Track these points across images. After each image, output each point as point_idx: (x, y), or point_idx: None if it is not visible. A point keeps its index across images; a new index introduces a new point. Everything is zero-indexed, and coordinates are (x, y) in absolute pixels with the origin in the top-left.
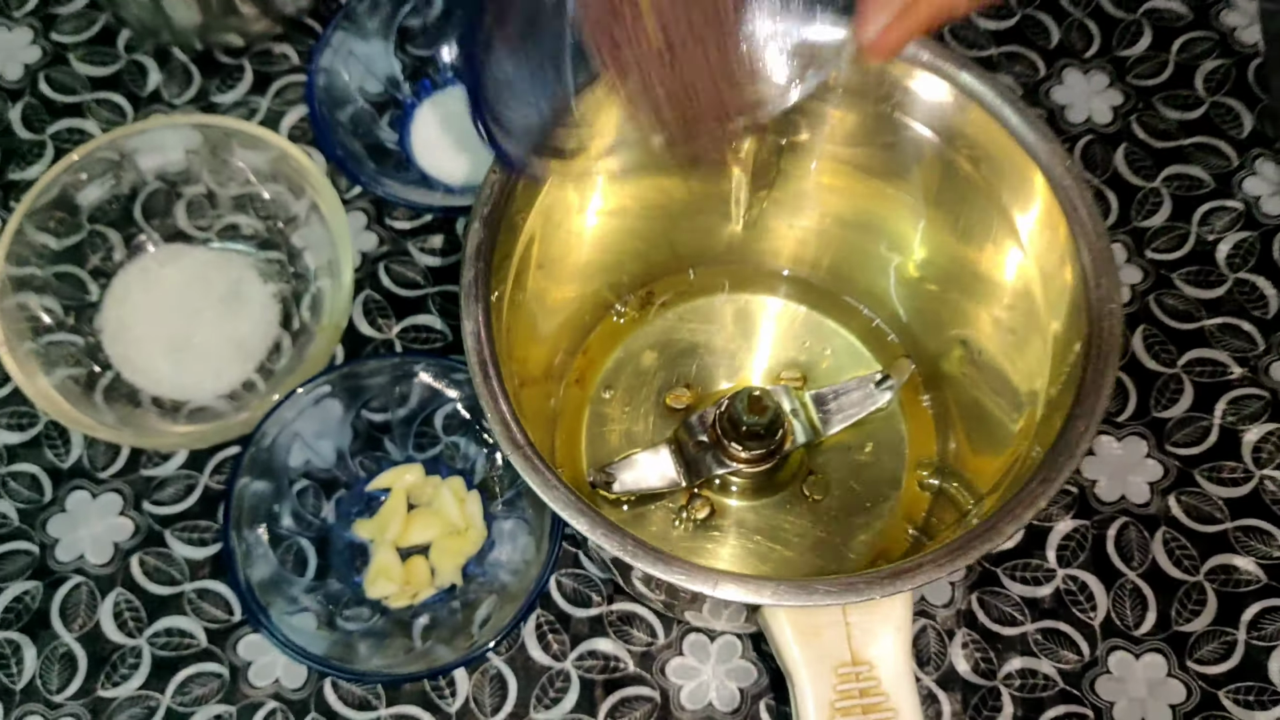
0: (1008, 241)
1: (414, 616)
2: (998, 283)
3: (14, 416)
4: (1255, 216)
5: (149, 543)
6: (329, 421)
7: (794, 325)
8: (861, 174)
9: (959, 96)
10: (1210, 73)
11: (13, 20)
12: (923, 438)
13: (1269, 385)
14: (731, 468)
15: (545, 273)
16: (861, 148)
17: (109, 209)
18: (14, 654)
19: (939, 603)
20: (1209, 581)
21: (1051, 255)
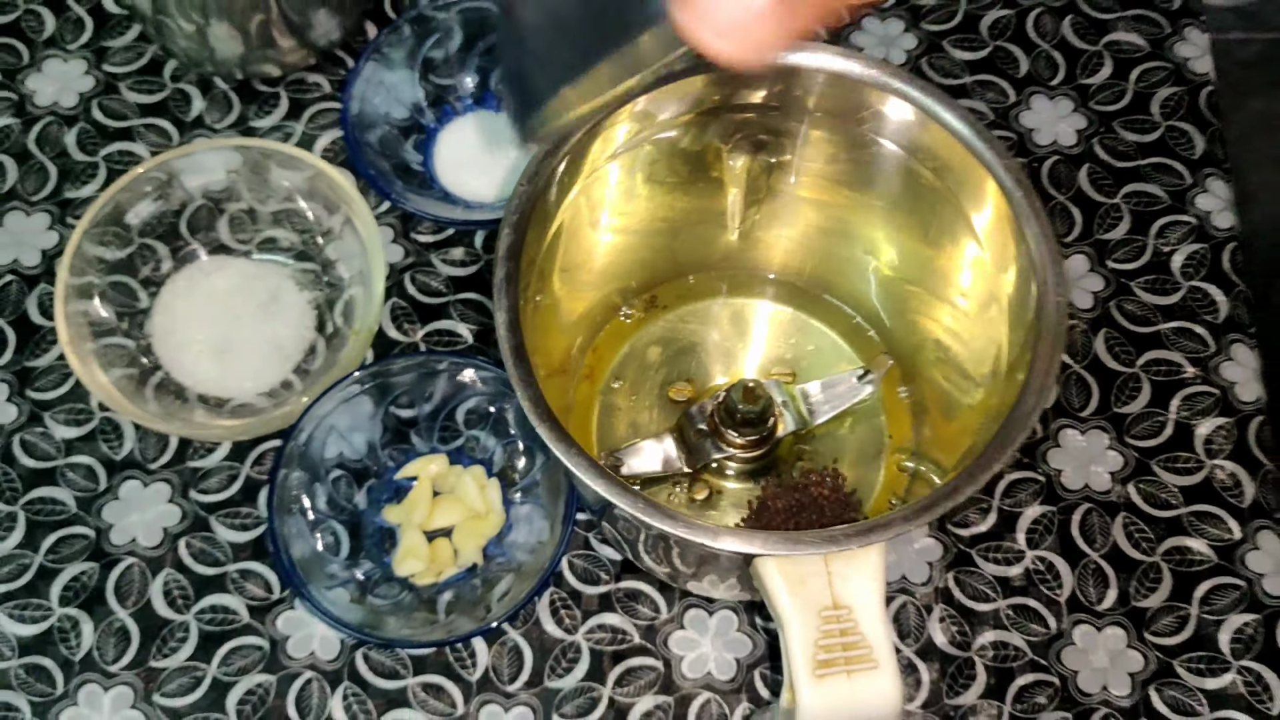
0: (968, 243)
1: (438, 593)
2: (961, 281)
3: (71, 413)
4: (1207, 230)
5: (195, 528)
6: (360, 416)
7: (783, 325)
8: (838, 187)
9: (920, 115)
10: (1165, 99)
11: (68, 52)
12: (900, 425)
13: (1219, 383)
14: (728, 453)
15: (562, 278)
16: (838, 164)
17: (157, 224)
18: (73, 628)
19: (918, 581)
20: (1165, 561)
21: (1006, 254)
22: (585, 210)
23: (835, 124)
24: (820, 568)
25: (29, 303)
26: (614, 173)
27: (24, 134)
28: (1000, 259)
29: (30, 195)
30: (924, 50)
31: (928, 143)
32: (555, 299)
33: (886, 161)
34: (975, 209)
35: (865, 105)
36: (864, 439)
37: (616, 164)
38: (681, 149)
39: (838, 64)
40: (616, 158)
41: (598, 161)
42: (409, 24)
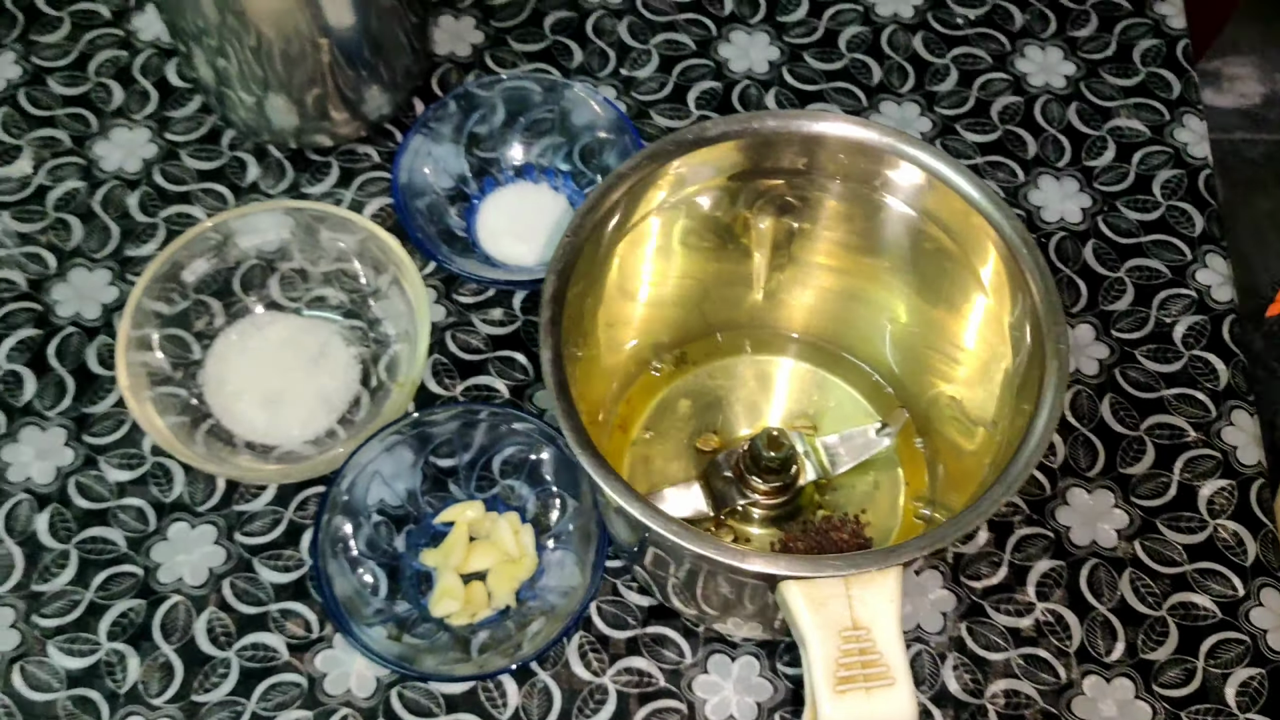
0: (977, 297)
1: (473, 633)
2: (971, 336)
3: (124, 457)
4: (1207, 303)
5: (239, 568)
6: (401, 465)
7: (804, 382)
8: (856, 254)
9: (930, 178)
10: (1166, 181)
11: (134, 122)
12: (916, 475)
13: (1220, 447)
14: (752, 499)
15: (598, 332)
16: (855, 230)
17: (212, 281)
18: (119, 662)
19: (933, 630)
20: (1171, 616)
21: (1011, 303)
22: (621, 268)
23: (853, 189)
24: (840, 590)
25: (88, 352)
26: (650, 234)
27: (90, 196)
28: (1006, 309)
29: (93, 252)
30: (938, 132)
31: (938, 204)
32: (592, 352)
33: (900, 224)
34: (982, 264)
35: (881, 170)
36: (882, 488)
37: (652, 226)
38: (713, 216)
39: (856, 132)
40: (652, 219)
41: (635, 222)
42: (455, 100)
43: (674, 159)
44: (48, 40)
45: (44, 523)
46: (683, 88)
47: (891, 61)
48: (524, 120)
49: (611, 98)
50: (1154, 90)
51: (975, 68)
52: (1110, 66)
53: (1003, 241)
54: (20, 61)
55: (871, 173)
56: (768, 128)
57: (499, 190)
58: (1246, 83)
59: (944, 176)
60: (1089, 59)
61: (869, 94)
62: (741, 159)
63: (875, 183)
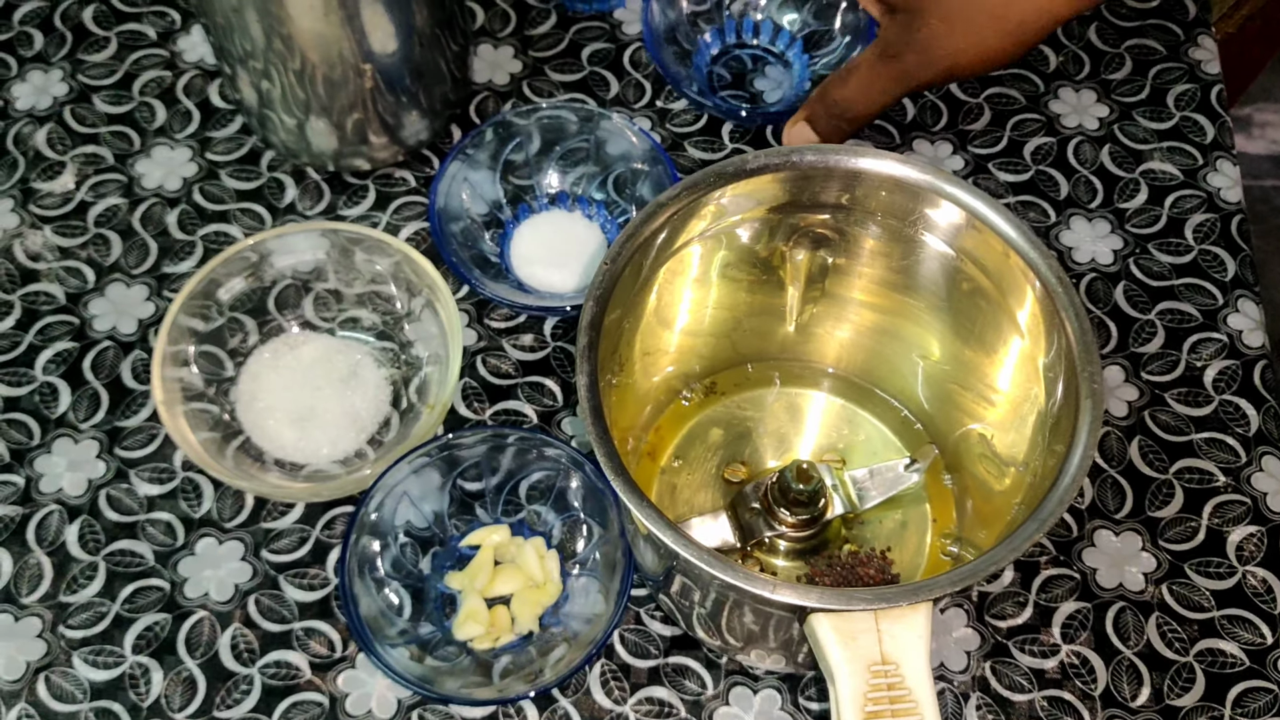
0: (1013, 339)
1: (495, 657)
2: (1004, 377)
3: (155, 472)
4: (1238, 348)
5: (265, 585)
6: (429, 487)
7: (834, 416)
8: (890, 291)
9: (968, 217)
10: (1198, 225)
11: (175, 141)
12: (944, 512)
13: (1250, 493)
14: (779, 530)
15: (633, 360)
16: (891, 267)
17: (247, 300)
18: (143, 675)
19: (957, 669)
20: (1198, 662)
21: (1047, 345)
22: (659, 297)
23: (891, 225)
24: (871, 624)
25: (123, 367)
26: (687, 265)
27: (130, 213)
28: (1041, 350)
29: (132, 269)
30: (971, 171)
31: (975, 243)
32: (626, 379)
33: (936, 263)
34: (1018, 304)
35: (919, 207)
36: (909, 524)
37: (691, 256)
38: (750, 247)
39: (896, 168)
40: (691, 249)
41: (674, 251)
42: (492, 129)
43: (714, 190)
44: (94, 59)
45: (74, 534)
46: (717, 121)
47: (925, 100)
48: (560, 149)
49: (647, 129)
50: (1187, 134)
51: (1009, 108)
52: (1144, 110)
53: (1040, 282)
54: (67, 79)
55: (909, 210)
56: (807, 161)
57: (533, 217)
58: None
59: (983, 216)
60: (1122, 102)
61: (902, 131)
62: (781, 192)
63: (913, 219)
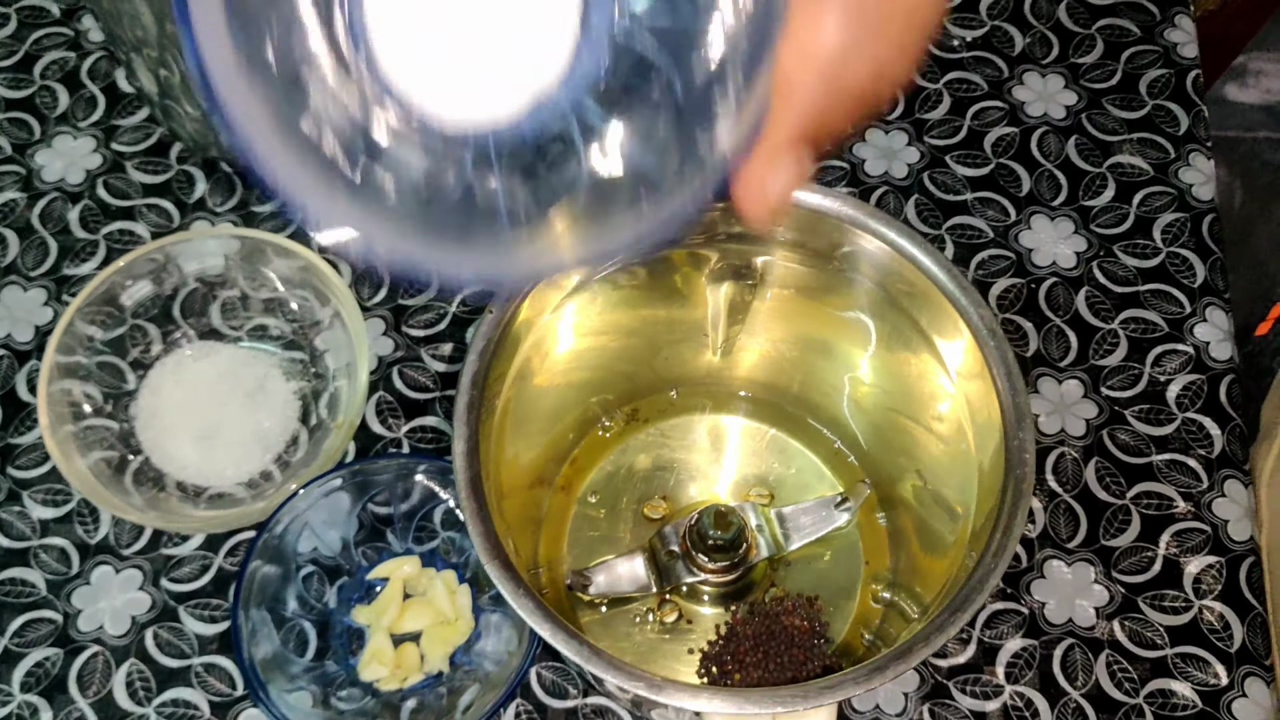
0: (943, 382)
1: (402, 699)
2: (937, 412)
3: (49, 493)
4: (1205, 361)
5: (163, 617)
6: (337, 513)
7: (764, 446)
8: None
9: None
10: (1168, 225)
11: (79, 129)
12: (878, 553)
13: (1210, 520)
14: (699, 577)
15: (537, 389)
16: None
17: (151, 307)
18: (32, 716)
19: (893, 712)
20: (1148, 704)
21: (979, 401)
22: (562, 324)
23: (812, 256)
24: None
25: (18, 379)
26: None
27: (29, 209)
28: (974, 406)
29: (29, 270)
30: (926, 164)
31: (901, 279)
32: (530, 409)
33: (863, 293)
34: (950, 352)
35: (842, 241)
36: (839, 567)
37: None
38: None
39: (815, 200)
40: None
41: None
42: None
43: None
44: None
45: None
46: None
47: None
48: None
49: None
50: (1160, 125)
51: (969, 94)
52: (1114, 98)
53: (967, 326)
54: None
55: (833, 243)
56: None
57: None
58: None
59: (909, 255)
60: (1092, 88)
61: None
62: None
63: (836, 253)
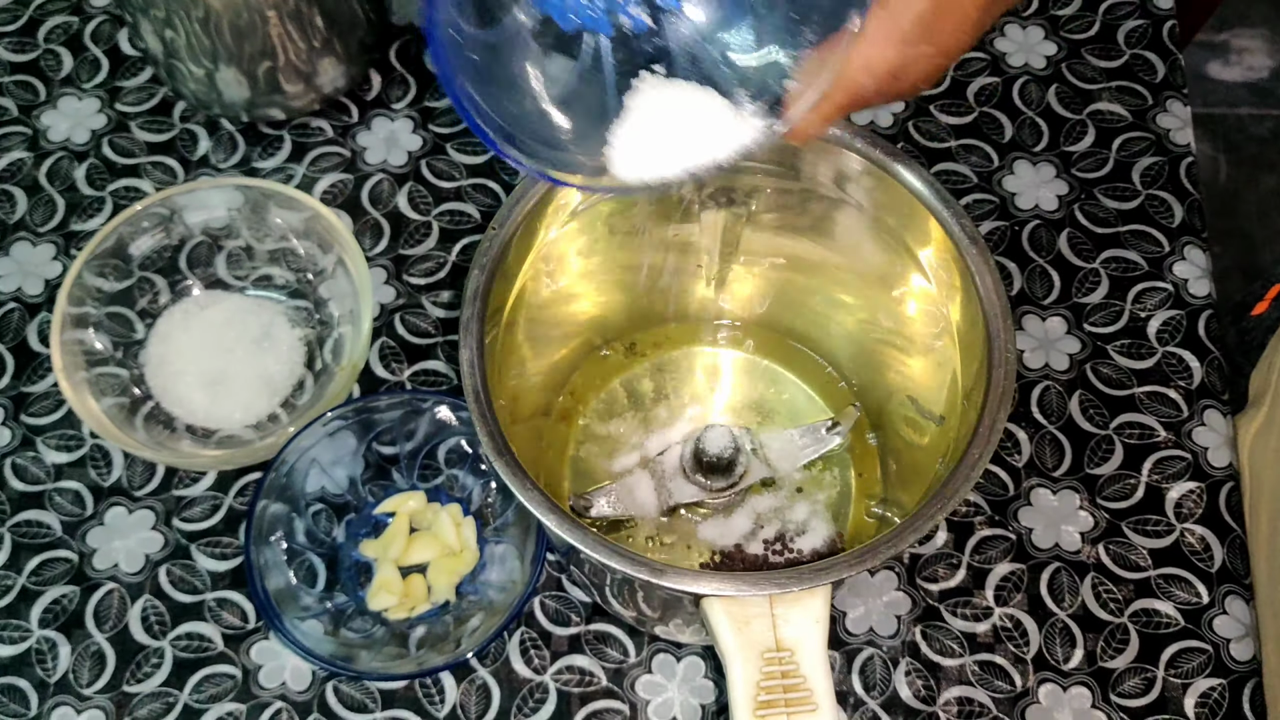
0: (927, 295)
1: (410, 628)
2: (922, 331)
3: (63, 439)
4: (1183, 297)
5: (176, 555)
6: (343, 451)
7: (756, 375)
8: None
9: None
10: (1146, 169)
11: (83, 91)
12: (869, 472)
13: (1190, 448)
14: (697, 498)
15: (536, 318)
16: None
17: (157, 259)
18: (50, 650)
19: (886, 634)
20: (1132, 623)
21: (961, 309)
22: (556, 255)
23: (796, 177)
24: (765, 609)
25: (29, 330)
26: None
27: (35, 167)
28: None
29: (38, 226)
30: (911, 113)
31: (882, 196)
32: (527, 340)
33: (847, 213)
34: (932, 264)
35: (828, 162)
36: (832, 486)
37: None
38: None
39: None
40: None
41: (567, 211)
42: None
43: None
44: None
45: None
46: None
47: None
48: None
49: None
50: (1138, 73)
51: None
52: (1093, 47)
53: (948, 237)
54: None
55: (819, 164)
56: None
57: None
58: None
59: (891, 170)
60: (1071, 39)
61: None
62: None
63: (820, 176)
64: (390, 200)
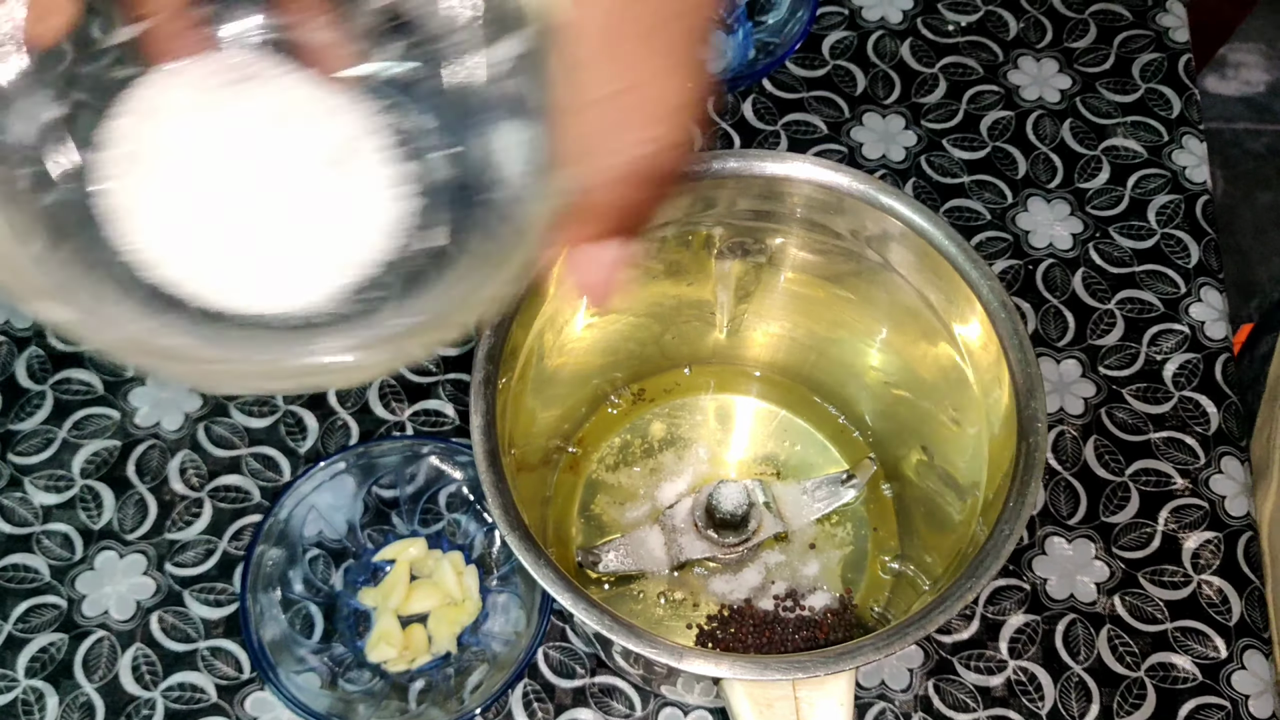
0: (954, 358)
1: (410, 680)
2: (947, 393)
3: (51, 479)
4: (1200, 340)
5: (168, 601)
6: (342, 496)
7: (770, 424)
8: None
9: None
10: (1162, 207)
11: None
12: (885, 526)
13: (1208, 496)
14: (708, 554)
15: (545, 370)
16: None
17: None
18: (37, 701)
19: (898, 688)
20: (1149, 677)
21: (990, 375)
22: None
23: (823, 234)
24: (788, 692)
25: (18, 365)
26: None
27: None
28: (985, 379)
29: None
30: (924, 148)
31: (911, 254)
32: (537, 390)
33: (874, 271)
34: (960, 327)
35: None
36: (846, 541)
37: None
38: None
39: (826, 176)
40: None
41: None
42: None
43: None
44: None
45: None
46: None
47: (877, 70)
48: None
49: None
50: (1153, 108)
51: (965, 78)
52: (1108, 82)
53: (983, 308)
54: None
55: (841, 220)
56: (729, 169)
57: None
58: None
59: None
60: (1086, 72)
61: (852, 104)
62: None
63: (845, 230)
64: None
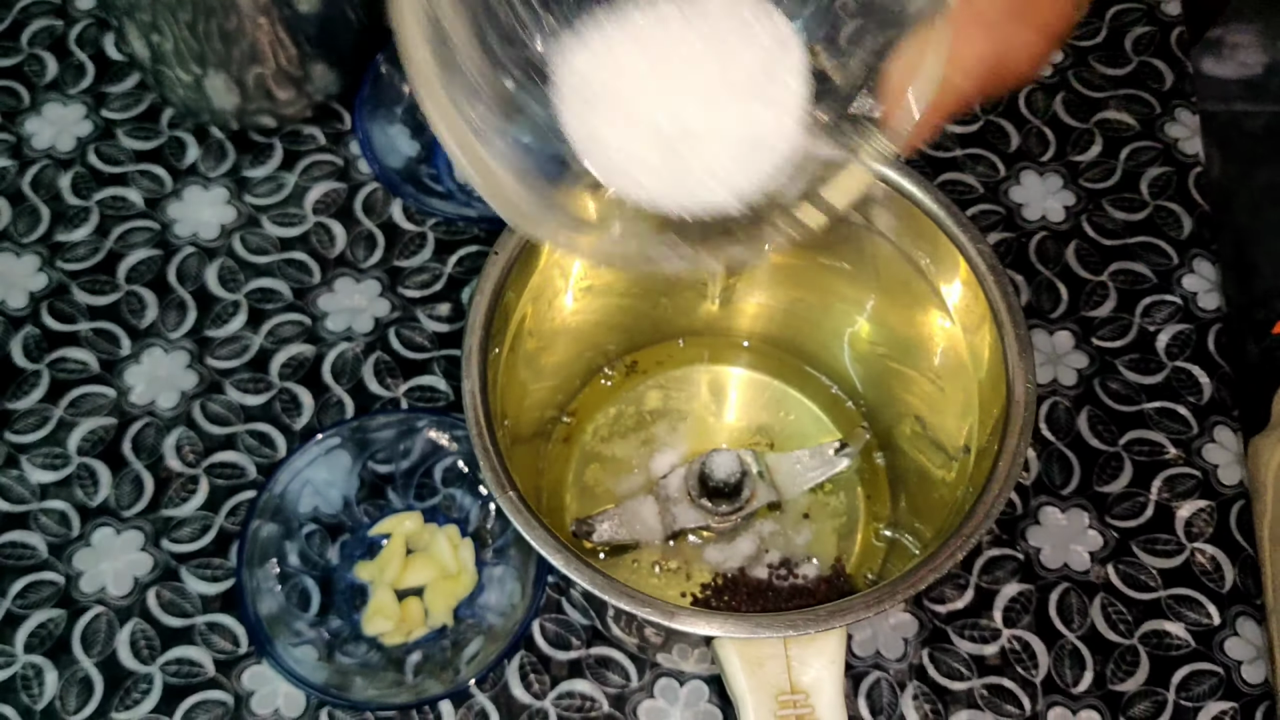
0: (941, 319)
1: (407, 653)
2: (935, 357)
3: (48, 457)
4: (1192, 310)
5: (166, 577)
6: (338, 471)
7: (762, 395)
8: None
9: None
10: (1154, 179)
11: (68, 97)
12: (878, 494)
13: (1201, 466)
14: (702, 523)
15: (537, 340)
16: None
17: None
18: (36, 676)
19: (893, 657)
20: (1142, 645)
21: (978, 336)
22: (560, 274)
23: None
24: (779, 651)
25: (13, 345)
26: None
27: (19, 176)
28: (972, 340)
29: (21, 237)
30: None
31: (899, 219)
32: (528, 361)
33: (862, 237)
34: (947, 285)
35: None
36: (840, 509)
37: None
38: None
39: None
40: None
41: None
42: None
43: None
44: None
45: None
46: None
47: None
48: None
49: None
50: (1145, 81)
51: None
52: (1100, 55)
53: (970, 269)
54: None
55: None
56: None
57: None
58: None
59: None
60: (1078, 45)
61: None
62: None
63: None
64: (384, 210)
